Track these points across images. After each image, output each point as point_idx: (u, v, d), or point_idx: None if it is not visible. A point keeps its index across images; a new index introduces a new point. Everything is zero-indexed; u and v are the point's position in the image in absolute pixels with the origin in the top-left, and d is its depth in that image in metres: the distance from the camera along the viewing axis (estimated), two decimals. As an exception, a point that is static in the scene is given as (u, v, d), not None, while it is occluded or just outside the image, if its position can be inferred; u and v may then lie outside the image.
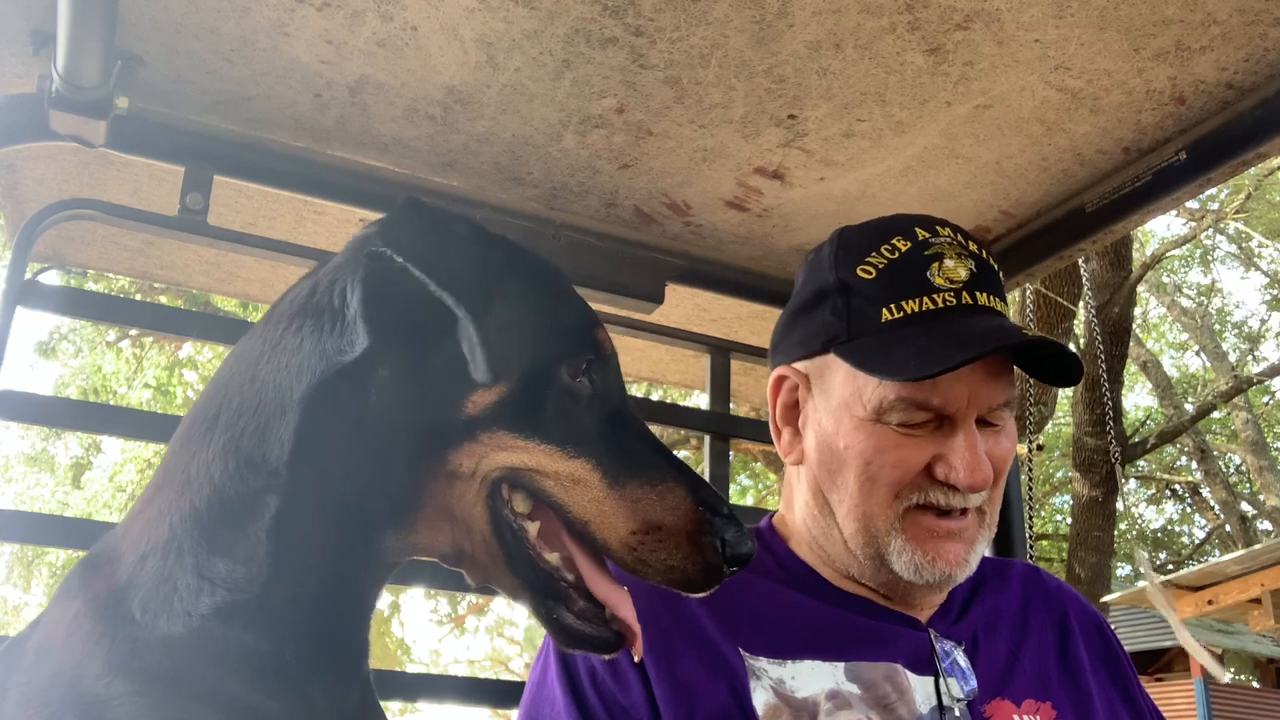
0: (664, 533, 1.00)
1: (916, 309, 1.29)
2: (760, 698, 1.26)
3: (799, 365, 1.40)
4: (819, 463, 1.36)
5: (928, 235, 1.33)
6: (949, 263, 1.31)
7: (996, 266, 1.36)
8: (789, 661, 1.29)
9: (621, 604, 1.03)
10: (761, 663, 1.28)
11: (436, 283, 0.98)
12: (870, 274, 1.32)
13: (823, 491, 1.37)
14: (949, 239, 1.33)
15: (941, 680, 1.30)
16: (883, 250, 1.33)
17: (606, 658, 1.24)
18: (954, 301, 1.29)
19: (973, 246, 1.34)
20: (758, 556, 1.38)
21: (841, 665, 1.29)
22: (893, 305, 1.30)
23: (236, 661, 0.95)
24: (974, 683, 1.31)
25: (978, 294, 1.30)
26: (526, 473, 1.00)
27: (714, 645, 1.29)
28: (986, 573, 1.46)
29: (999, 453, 1.31)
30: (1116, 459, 6.00)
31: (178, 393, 10.62)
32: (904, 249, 1.32)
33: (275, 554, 0.97)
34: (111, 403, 10.19)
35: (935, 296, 1.29)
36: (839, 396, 1.32)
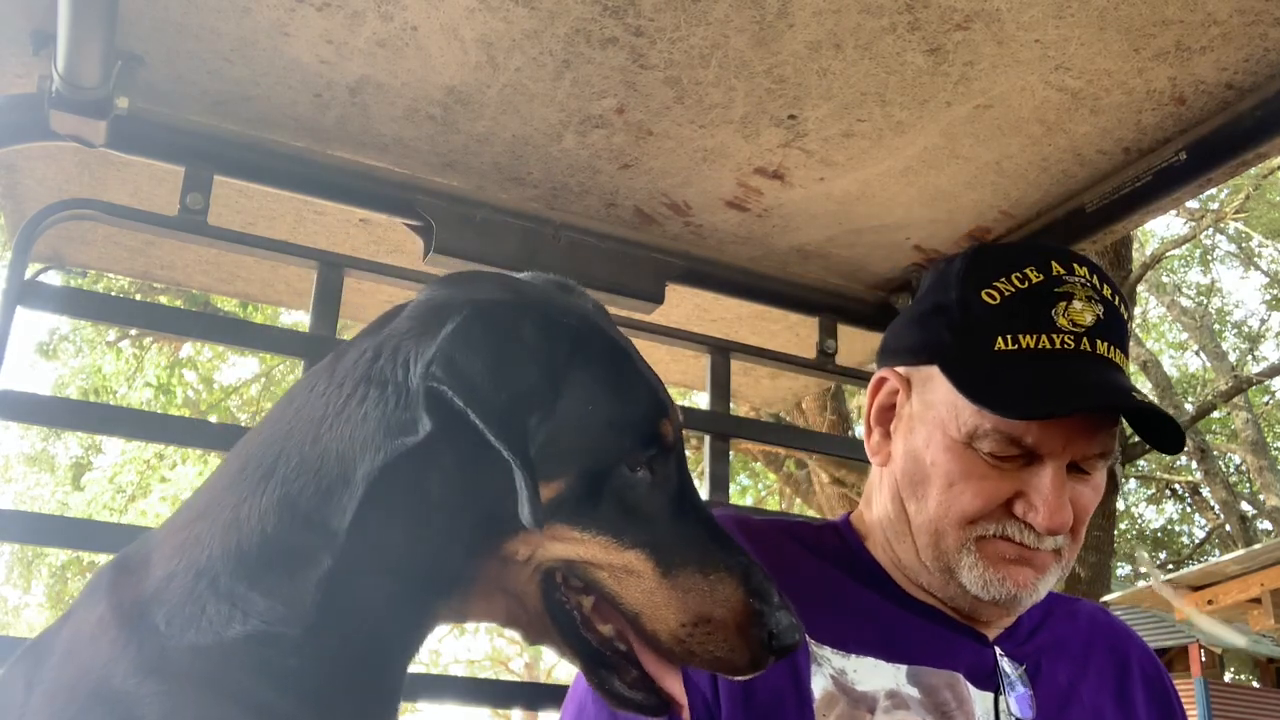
0: (714, 625, 1.00)
1: (1033, 345, 1.28)
2: (819, 683, 1.28)
3: (902, 370, 1.40)
4: (904, 471, 1.36)
5: (1062, 272, 1.31)
6: (1076, 304, 1.29)
7: (1126, 315, 1.35)
8: (853, 655, 1.31)
9: (670, 680, 1.04)
10: (826, 651, 1.30)
11: (494, 433, 0.95)
12: (995, 299, 1.32)
13: (903, 499, 1.37)
14: (1083, 280, 1.31)
15: (1002, 697, 1.31)
16: (1013, 278, 1.32)
17: None
18: (1072, 345, 1.27)
19: (1106, 291, 1.32)
20: (834, 549, 1.44)
21: (905, 668, 1.30)
22: (1010, 336, 1.29)
23: (270, 674, 0.95)
24: (1031, 706, 1.32)
25: (1098, 342, 1.28)
26: (581, 565, 1.00)
27: None
28: (1055, 606, 1.47)
29: (1083, 501, 1.30)
30: (1118, 459, 6.00)
31: (178, 393, 10.62)
32: (1035, 281, 1.31)
33: (322, 604, 0.98)
34: (111, 403, 10.19)
35: (1055, 336, 1.28)
36: (936, 412, 1.32)
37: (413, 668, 1.10)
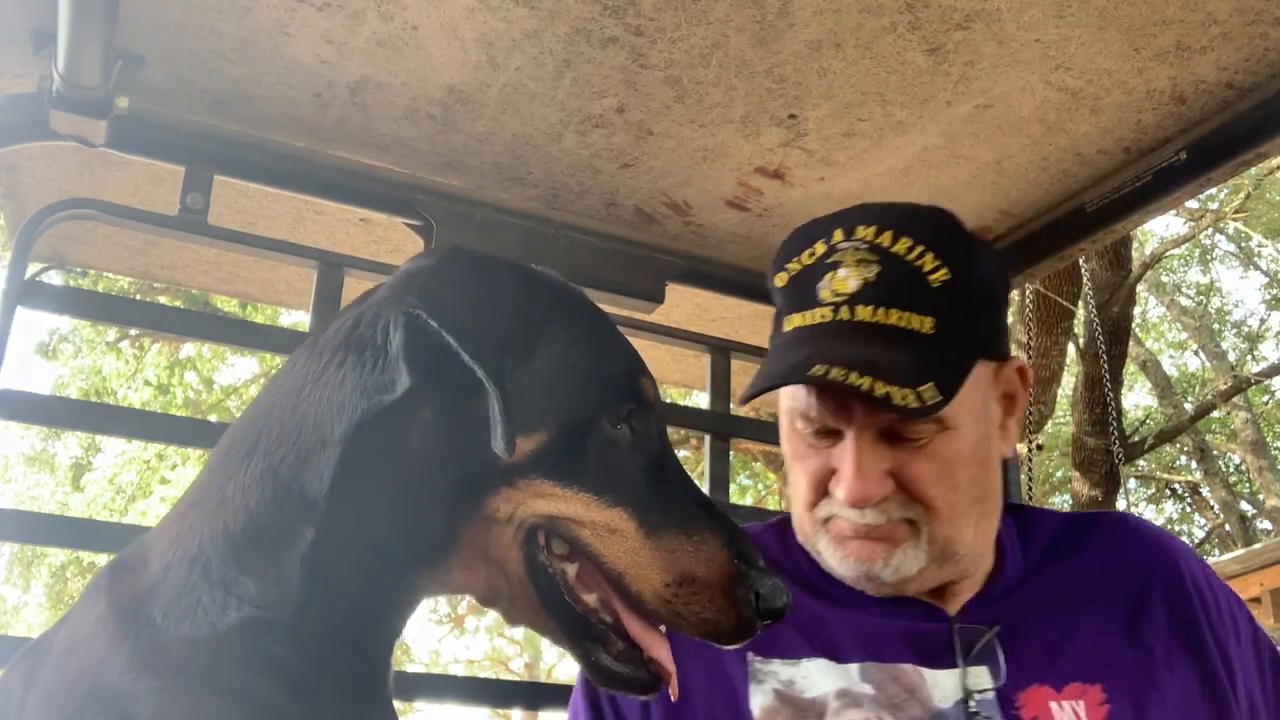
0: (698, 585, 1.00)
1: (801, 323, 1.27)
2: (759, 701, 1.25)
3: None
4: (788, 481, 1.36)
5: (840, 239, 1.28)
6: (842, 272, 1.25)
7: (926, 267, 1.24)
8: (802, 661, 1.28)
9: (657, 646, 1.03)
10: (773, 665, 1.27)
11: (469, 352, 0.95)
12: (782, 282, 1.32)
13: (792, 506, 1.36)
14: (860, 243, 1.26)
15: (963, 672, 1.26)
16: (802, 256, 1.30)
17: (644, 698, 1.23)
18: (830, 317, 1.24)
19: (899, 247, 1.25)
20: (772, 554, 1.39)
21: (854, 666, 1.27)
22: (789, 316, 1.29)
23: (262, 665, 0.95)
24: (1000, 675, 1.26)
25: (859, 308, 1.23)
26: (563, 521, 0.99)
27: (718, 653, 1.26)
28: (1059, 538, 1.40)
29: (914, 470, 1.23)
30: (1120, 459, 6.00)
31: (178, 393, 10.62)
32: (811, 259, 1.29)
33: (308, 581, 0.97)
34: (111, 403, 10.19)
35: (817, 310, 1.26)
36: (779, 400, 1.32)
37: (412, 667, 1.10)
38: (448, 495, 0.99)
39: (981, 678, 1.24)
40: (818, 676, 1.26)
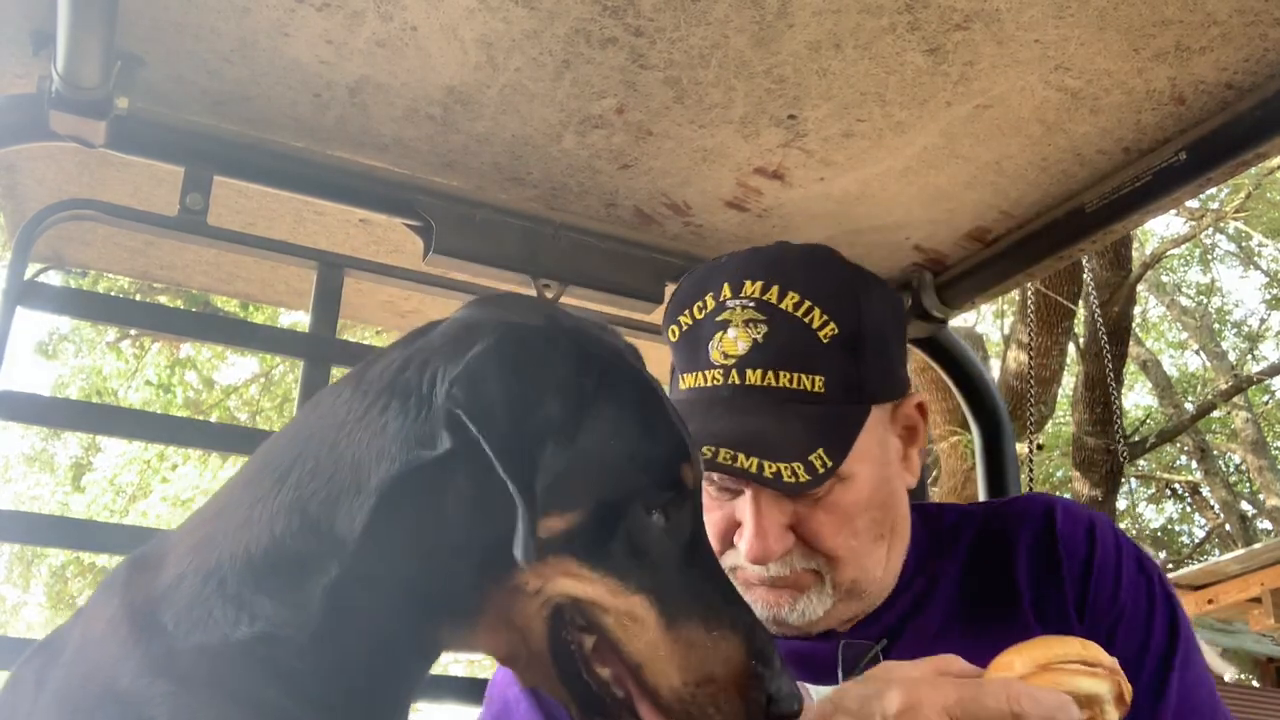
0: (715, 685, 0.99)
1: (693, 383, 1.28)
2: None
3: None
4: None
5: (729, 295, 1.27)
6: (731, 333, 1.26)
7: (814, 323, 1.25)
8: None
9: None
10: None
11: (503, 462, 0.93)
12: (675, 337, 1.32)
13: None
14: (748, 300, 1.26)
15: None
16: (692, 310, 1.30)
17: None
18: (721, 380, 1.25)
19: (786, 303, 1.25)
20: None
21: None
22: (684, 375, 1.30)
23: (274, 674, 0.95)
24: None
25: (748, 372, 1.23)
26: (587, 605, 0.99)
27: None
28: (944, 534, 1.41)
29: (814, 524, 1.25)
30: (1125, 458, 6.00)
31: (178, 393, 10.62)
32: (701, 314, 1.29)
33: (328, 611, 0.97)
34: (111, 403, 10.18)
35: (707, 373, 1.26)
36: None
37: (412, 667, 1.09)
38: (476, 559, 0.98)
39: None
40: None
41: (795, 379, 1.24)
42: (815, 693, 1.27)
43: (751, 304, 1.26)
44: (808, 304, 1.25)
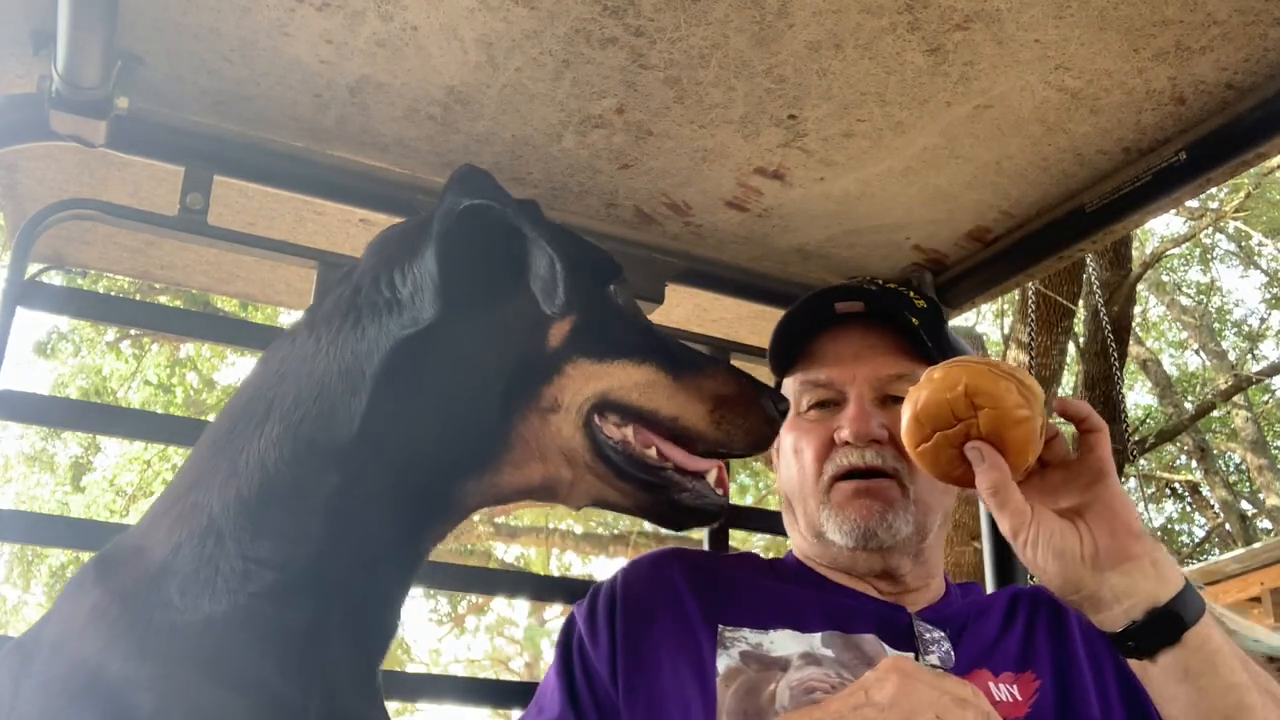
0: (730, 404, 1.17)
1: (794, 311, 1.59)
2: (724, 662, 1.38)
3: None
4: (780, 469, 1.59)
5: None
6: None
7: (909, 294, 1.61)
8: (770, 630, 1.42)
9: (710, 465, 1.19)
10: (742, 632, 1.41)
11: (528, 225, 1.09)
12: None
13: (787, 495, 1.58)
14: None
15: (920, 657, 1.39)
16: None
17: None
18: (820, 301, 1.57)
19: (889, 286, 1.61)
20: (760, 563, 1.62)
21: (817, 635, 1.41)
22: (792, 317, 1.61)
23: (273, 643, 0.97)
24: (951, 660, 1.40)
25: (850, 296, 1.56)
26: (614, 392, 1.12)
27: (691, 625, 1.43)
28: (984, 598, 1.61)
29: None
30: (1134, 455, 6.00)
31: (178, 393, 10.61)
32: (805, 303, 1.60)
33: (330, 527, 1.01)
34: (111, 403, 10.18)
35: (809, 304, 1.59)
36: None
37: (413, 667, 1.11)
38: (503, 395, 1.08)
39: (932, 660, 1.40)
40: (783, 642, 1.40)
41: (899, 292, 1.57)
42: (890, 650, 1.41)
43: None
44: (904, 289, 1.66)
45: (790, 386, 1.58)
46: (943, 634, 1.44)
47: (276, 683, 0.95)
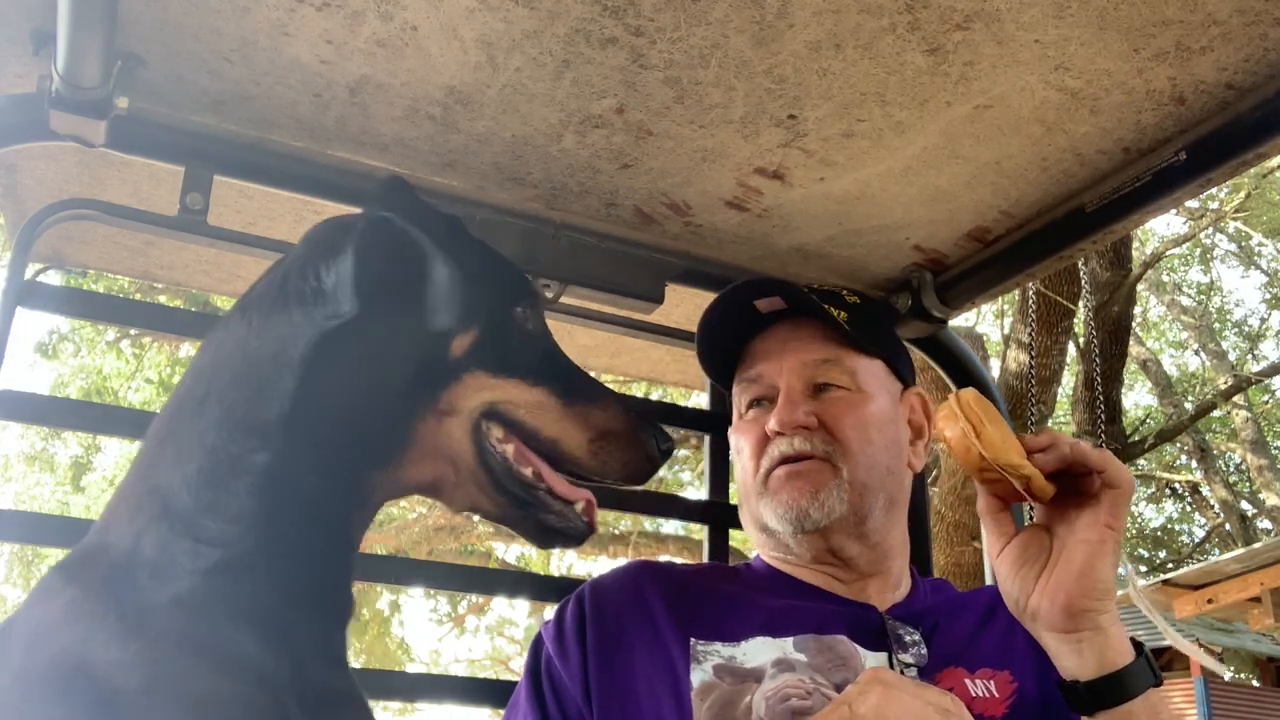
0: (611, 438, 1.23)
1: (720, 317, 1.62)
2: (698, 677, 1.38)
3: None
4: (737, 474, 1.62)
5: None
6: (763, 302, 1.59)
7: (844, 292, 1.65)
8: (742, 642, 1.42)
9: (581, 496, 1.23)
10: (715, 645, 1.42)
11: (429, 241, 1.16)
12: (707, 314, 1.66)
13: (741, 498, 1.60)
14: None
15: (892, 656, 1.40)
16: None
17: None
18: (740, 300, 1.59)
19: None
20: (727, 570, 1.64)
21: (790, 639, 1.41)
22: (707, 322, 1.63)
23: (236, 615, 1.00)
24: (924, 658, 1.41)
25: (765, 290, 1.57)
26: (504, 405, 1.19)
27: (663, 639, 1.44)
28: (957, 595, 1.61)
29: (833, 411, 1.51)
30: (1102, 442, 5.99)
31: (178, 392, 10.59)
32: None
33: (264, 507, 1.05)
34: (111, 403, 10.18)
35: (731, 307, 1.61)
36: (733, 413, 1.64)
37: (413, 667, 1.12)
38: (407, 395, 1.14)
39: (906, 659, 1.41)
40: (755, 652, 1.41)
41: (823, 310, 1.54)
42: (862, 651, 1.41)
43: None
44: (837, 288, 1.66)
45: (734, 392, 1.63)
46: (915, 632, 1.44)
47: (254, 654, 0.99)
